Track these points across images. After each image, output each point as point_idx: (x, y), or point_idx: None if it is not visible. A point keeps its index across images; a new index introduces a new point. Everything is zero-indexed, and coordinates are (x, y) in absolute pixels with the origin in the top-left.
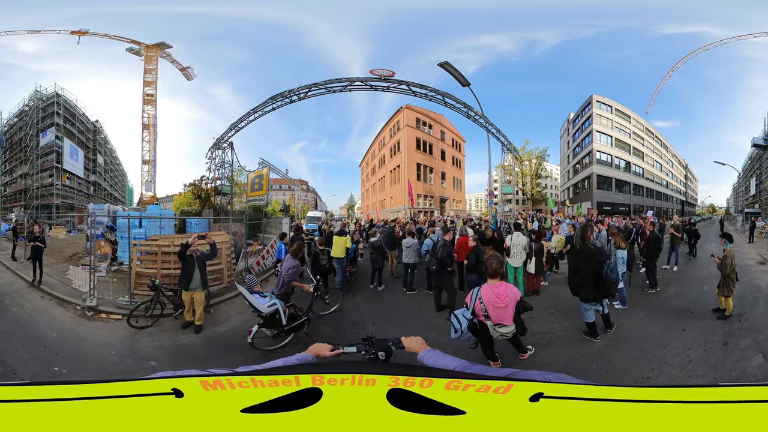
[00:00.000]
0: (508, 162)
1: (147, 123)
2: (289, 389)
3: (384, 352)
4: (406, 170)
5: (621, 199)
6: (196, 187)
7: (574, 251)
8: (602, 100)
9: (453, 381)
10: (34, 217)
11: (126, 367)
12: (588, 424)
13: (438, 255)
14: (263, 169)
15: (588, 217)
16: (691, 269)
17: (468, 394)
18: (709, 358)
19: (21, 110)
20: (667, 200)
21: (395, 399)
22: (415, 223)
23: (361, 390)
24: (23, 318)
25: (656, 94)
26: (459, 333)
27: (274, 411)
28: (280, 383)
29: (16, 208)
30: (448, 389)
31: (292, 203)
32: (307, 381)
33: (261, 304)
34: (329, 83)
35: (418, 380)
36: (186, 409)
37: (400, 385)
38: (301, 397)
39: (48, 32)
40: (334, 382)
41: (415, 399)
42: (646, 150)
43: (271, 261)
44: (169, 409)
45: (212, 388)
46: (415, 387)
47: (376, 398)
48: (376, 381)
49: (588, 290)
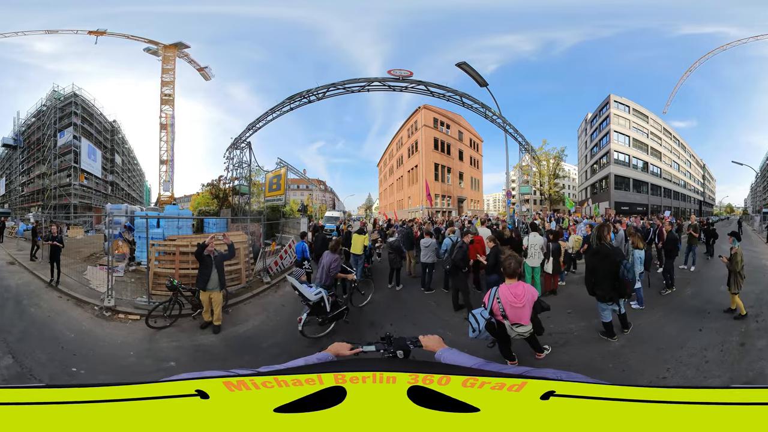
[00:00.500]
0: (525, 162)
1: (165, 123)
2: (313, 388)
3: (402, 351)
4: (424, 170)
5: (639, 199)
6: (213, 187)
7: (590, 251)
8: (620, 100)
9: (470, 378)
10: (51, 217)
11: (145, 368)
12: (597, 422)
13: (452, 256)
14: (281, 169)
15: (605, 217)
16: (708, 269)
17: (484, 391)
18: (726, 359)
19: (39, 110)
20: (685, 200)
21: (415, 396)
22: (432, 223)
23: (383, 388)
24: (41, 319)
25: (674, 94)
26: (477, 332)
27: (301, 410)
28: (303, 382)
29: (33, 208)
30: (465, 386)
31: (310, 203)
32: (330, 380)
33: (309, 292)
34: (347, 83)
35: (437, 377)
36: (214, 411)
37: (420, 383)
38: (325, 395)
39: (65, 32)
40: (356, 380)
41: (433, 396)
42: (663, 150)
43: (289, 261)
44: (195, 411)
45: (236, 388)
46: (433, 384)
47: (398, 396)
48: (397, 378)
49: (604, 290)
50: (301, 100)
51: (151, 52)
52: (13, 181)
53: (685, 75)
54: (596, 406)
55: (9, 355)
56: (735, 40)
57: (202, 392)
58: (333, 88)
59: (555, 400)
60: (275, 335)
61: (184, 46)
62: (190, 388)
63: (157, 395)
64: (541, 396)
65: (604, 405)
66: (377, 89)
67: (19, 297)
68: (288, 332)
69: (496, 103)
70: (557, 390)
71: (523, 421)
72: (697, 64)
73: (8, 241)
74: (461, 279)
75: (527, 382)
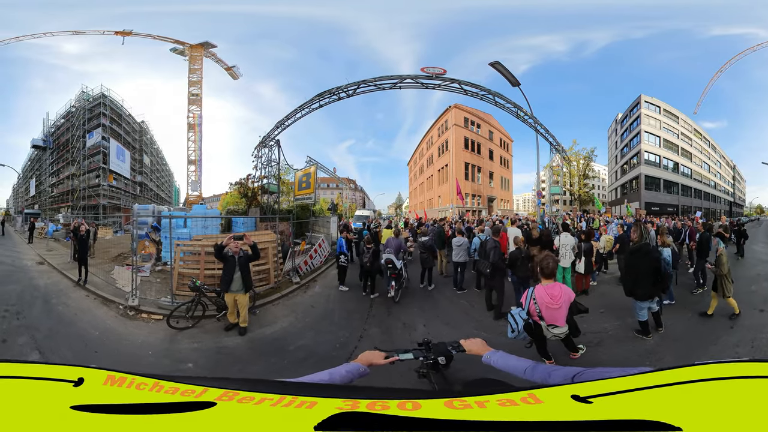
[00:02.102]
0: (556, 162)
1: (192, 123)
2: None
3: (444, 357)
4: (454, 169)
5: (669, 199)
6: (242, 185)
7: (628, 250)
8: (650, 100)
9: (455, 400)
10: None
11: (162, 368)
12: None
13: (490, 259)
14: (311, 168)
15: (636, 217)
16: (738, 269)
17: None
18: (757, 354)
19: (68, 111)
20: (715, 201)
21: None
22: (463, 222)
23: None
24: (68, 317)
25: (704, 94)
26: (516, 332)
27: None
28: (178, 393)
29: (63, 209)
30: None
31: (340, 202)
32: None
33: (398, 263)
34: (378, 80)
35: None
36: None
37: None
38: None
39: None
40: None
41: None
42: (694, 151)
43: (319, 260)
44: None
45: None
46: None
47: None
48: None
49: (645, 287)
50: (330, 97)
51: (178, 52)
52: (42, 182)
53: (716, 76)
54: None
55: (36, 350)
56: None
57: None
58: (364, 85)
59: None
60: (303, 337)
61: (210, 46)
62: (74, 375)
63: (41, 376)
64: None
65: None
66: (410, 86)
67: (47, 296)
68: (317, 334)
69: (527, 102)
70: (581, 393)
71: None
72: (727, 65)
73: (38, 242)
74: (498, 279)
75: (535, 392)
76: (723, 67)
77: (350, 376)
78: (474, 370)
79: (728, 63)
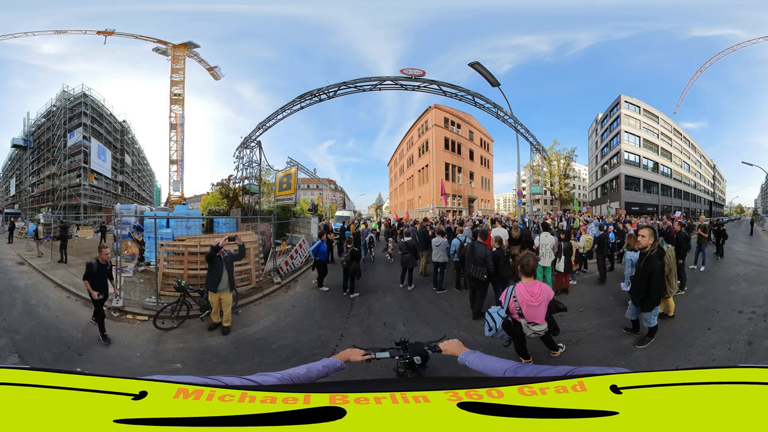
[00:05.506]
0: (536, 162)
1: (174, 123)
2: (288, 407)
3: (420, 357)
4: (435, 169)
5: (649, 199)
6: (223, 186)
7: (646, 256)
8: (630, 100)
9: (525, 386)
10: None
11: (151, 369)
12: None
13: (488, 267)
14: (291, 168)
15: (616, 217)
16: (718, 269)
17: (559, 396)
18: (734, 357)
19: (48, 111)
20: (695, 201)
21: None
22: (443, 223)
23: (414, 408)
24: (48, 319)
25: (684, 94)
26: (493, 330)
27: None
28: (279, 401)
29: (43, 208)
30: (523, 394)
31: (320, 203)
32: (321, 400)
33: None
34: (359, 82)
35: (482, 391)
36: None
37: (465, 399)
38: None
39: (74, 32)
40: (363, 401)
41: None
42: (674, 150)
43: (299, 261)
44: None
45: (188, 397)
46: (486, 398)
47: (448, 413)
48: (429, 398)
49: (660, 292)
50: (311, 99)
51: (160, 52)
52: (23, 182)
53: (695, 76)
54: (666, 392)
55: (15, 354)
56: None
57: (143, 393)
58: (344, 86)
59: (627, 392)
60: (285, 337)
61: (193, 46)
62: (135, 389)
63: (97, 388)
64: (611, 390)
65: (673, 390)
66: (389, 88)
67: (27, 297)
68: (298, 333)
69: (507, 102)
70: (618, 383)
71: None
72: (707, 64)
73: (18, 242)
74: (485, 283)
75: (583, 380)
76: (702, 66)
77: (326, 371)
78: (450, 371)
79: (708, 63)
